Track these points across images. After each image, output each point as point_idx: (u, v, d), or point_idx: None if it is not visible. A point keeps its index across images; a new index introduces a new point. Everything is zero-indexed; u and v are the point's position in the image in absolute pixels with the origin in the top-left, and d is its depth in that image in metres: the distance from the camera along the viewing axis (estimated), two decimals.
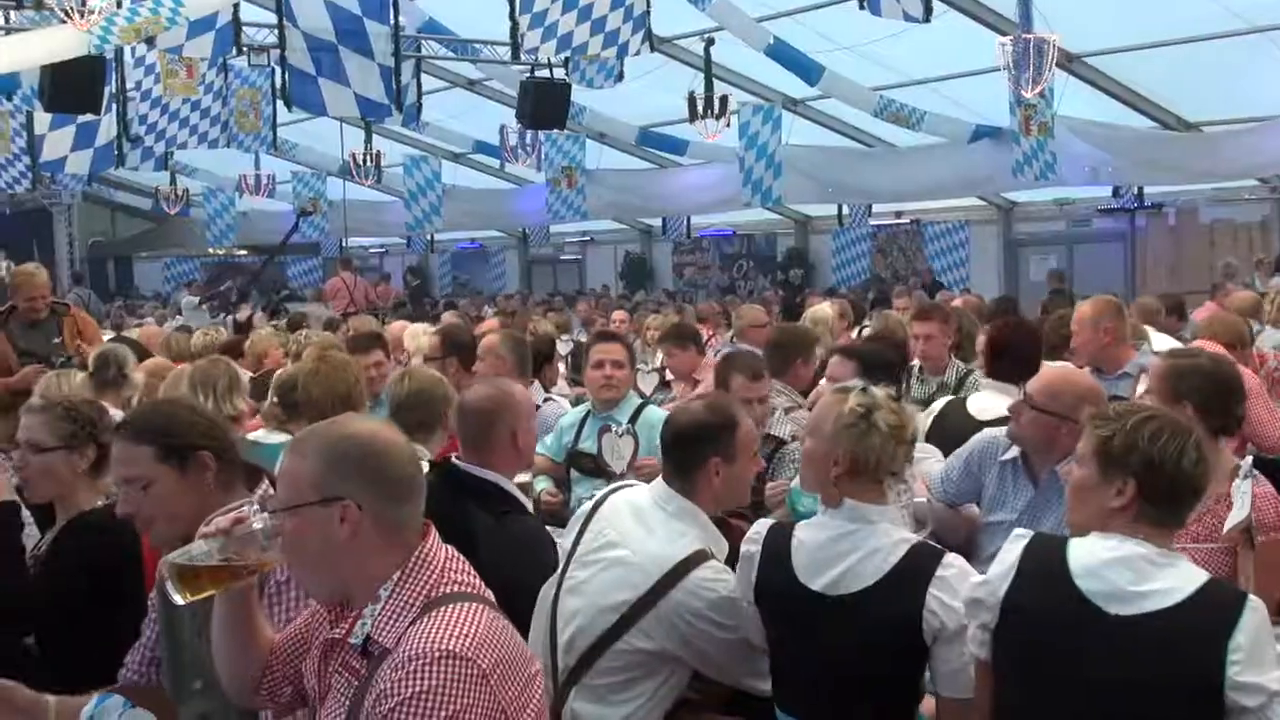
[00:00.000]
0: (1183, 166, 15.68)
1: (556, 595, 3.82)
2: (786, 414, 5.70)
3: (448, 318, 12.18)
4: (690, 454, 3.79)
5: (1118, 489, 3.01)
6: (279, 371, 6.37)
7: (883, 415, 3.44)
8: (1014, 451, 4.63)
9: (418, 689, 2.39)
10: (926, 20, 11.17)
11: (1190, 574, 2.96)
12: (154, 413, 3.51)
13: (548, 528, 4.44)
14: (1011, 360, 5.77)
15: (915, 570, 3.35)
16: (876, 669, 3.37)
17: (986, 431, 4.86)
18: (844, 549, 3.42)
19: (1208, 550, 3.93)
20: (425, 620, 2.50)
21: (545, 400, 6.90)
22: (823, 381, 5.80)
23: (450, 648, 2.43)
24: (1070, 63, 14.30)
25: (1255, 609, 2.87)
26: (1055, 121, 13.99)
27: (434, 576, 2.58)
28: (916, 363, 7.09)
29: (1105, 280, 17.76)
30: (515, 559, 3.85)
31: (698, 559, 3.65)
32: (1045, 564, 3.04)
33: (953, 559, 3.40)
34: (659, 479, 3.90)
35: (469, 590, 2.60)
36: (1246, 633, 2.82)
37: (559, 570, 3.87)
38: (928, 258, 22.61)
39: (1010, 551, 3.12)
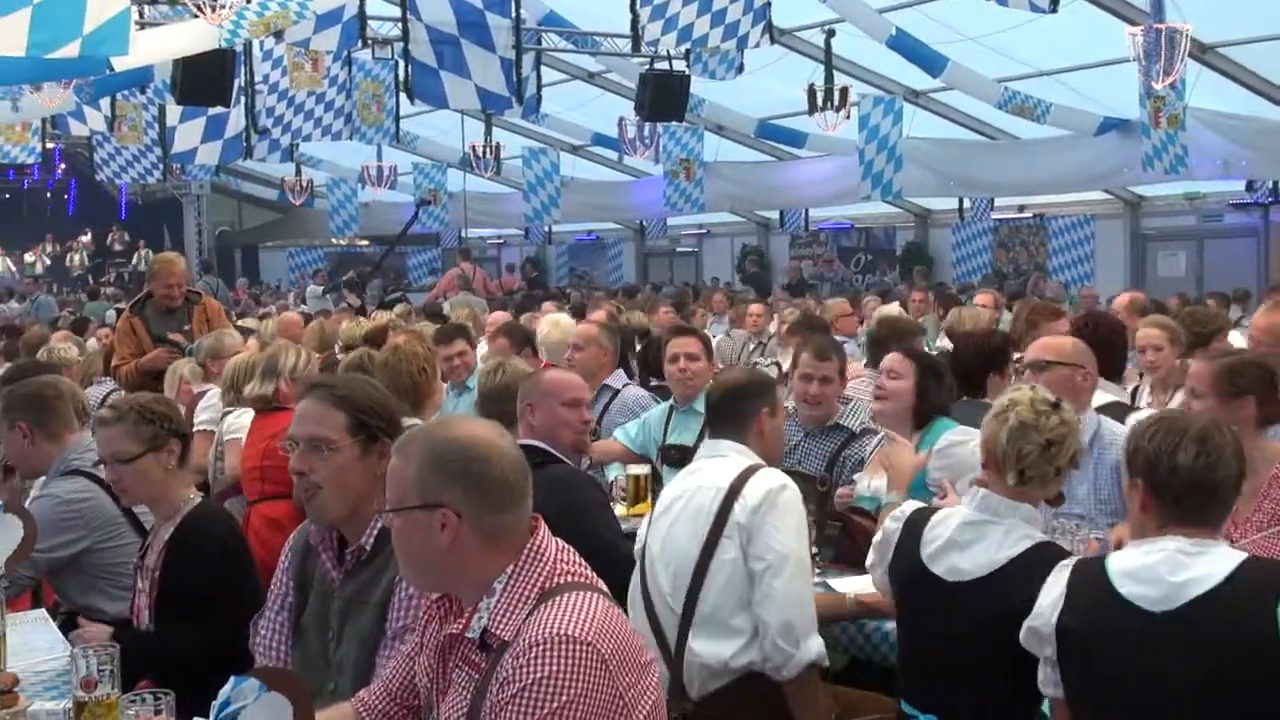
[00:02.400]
0: None
1: (644, 575, 3.99)
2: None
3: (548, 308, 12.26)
4: (743, 407, 4.14)
5: (1132, 488, 3.09)
6: (345, 359, 6.52)
7: (1018, 412, 3.43)
8: None
9: (540, 674, 2.41)
10: (1053, 10, 10.92)
11: (1225, 556, 2.96)
12: (359, 385, 3.45)
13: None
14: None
15: (1031, 566, 3.33)
16: (989, 660, 3.36)
17: None
18: (968, 538, 3.45)
19: (1276, 534, 3.89)
20: (543, 609, 2.52)
21: (624, 385, 7.01)
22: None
23: (571, 633, 2.45)
24: (1203, 53, 13.90)
25: None
26: (1186, 113, 13.63)
27: (547, 568, 2.60)
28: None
29: (1236, 277, 17.30)
30: (553, 497, 3.87)
31: (759, 466, 3.98)
32: (1088, 582, 3.04)
33: (1074, 560, 3.33)
34: (704, 442, 4.26)
35: (582, 580, 2.62)
36: None
37: (639, 560, 4.05)
38: (1051, 253, 22.18)
39: (1057, 581, 3.12)
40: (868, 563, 3.82)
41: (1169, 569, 2.93)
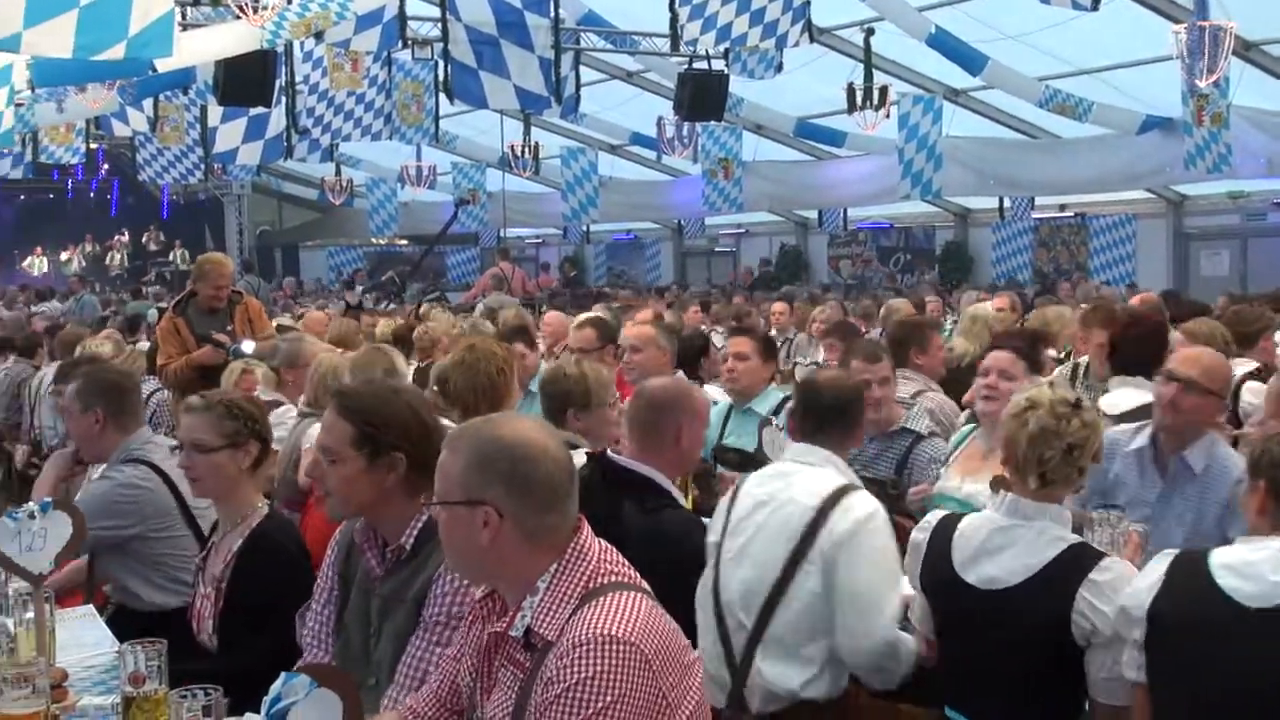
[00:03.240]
0: None
1: (715, 577, 3.89)
2: (915, 399, 5.71)
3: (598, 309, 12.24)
4: (850, 414, 4.07)
5: (1252, 491, 3.06)
6: (438, 363, 6.48)
7: (1038, 414, 3.39)
8: (1141, 440, 4.58)
9: (584, 674, 2.42)
10: (1095, 8, 10.85)
11: None
12: (371, 395, 3.44)
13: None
14: (1135, 354, 5.63)
15: (1068, 570, 3.31)
16: (1029, 666, 3.34)
17: (1108, 430, 4.81)
18: (999, 543, 3.42)
19: None
20: (586, 609, 2.52)
21: None
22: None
23: (614, 633, 2.45)
24: (1247, 51, 13.78)
25: None
26: (1230, 112, 13.51)
27: (590, 567, 2.61)
28: (1083, 361, 6.91)
29: None
30: (666, 551, 3.86)
31: (850, 488, 3.84)
32: (1189, 572, 3.01)
33: (1113, 563, 3.34)
34: (792, 445, 4.11)
35: (625, 580, 2.62)
36: None
37: (712, 557, 3.94)
38: (1092, 252, 22.02)
39: (1157, 566, 3.09)
40: (910, 583, 3.76)
41: (1272, 567, 2.90)
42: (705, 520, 4.24)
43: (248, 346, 7.93)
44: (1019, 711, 3.38)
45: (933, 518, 3.66)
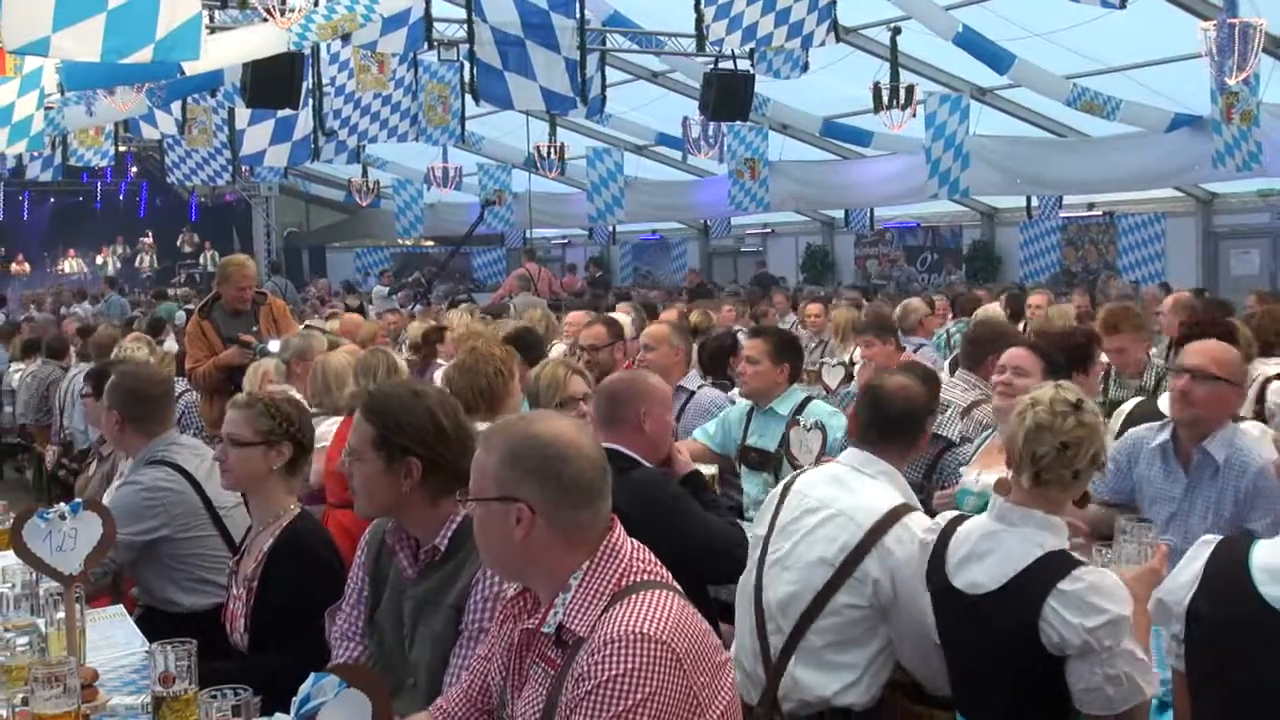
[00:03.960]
0: None
1: (759, 575, 3.89)
2: (967, 413, 5.60)
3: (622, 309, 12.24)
4: (917, 427, 4.03)
5: None
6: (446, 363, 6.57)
7: (1035, 413, 3.37)
8: (1163, 436, 4.60)
9: (615, 672, 2.43)
10: (1122, 6, 10.80)
11: None
12: (394, 397, 3.48)
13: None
14: None
15: (1037, 579, 3.26)
16: (1009, 672, 3.32)
17: (1130, 430, 4.86)
18: (986, 548, 3.40)
19: None
20: (618, 607, 2.53)
21: (700, 387, 6.93)
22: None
23: (645, 631, 2.46)
24: (1277, 47, 13.67)
25: None
26: (1260, 109, 13.40)
27: (622, 565, 2.62)
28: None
29: None
30: (638, 500, 3.81)
31: (905, 509, 3.78)
32: (1228, 570, 2.94)
33: (1085, 573, 3.25)
34: (850, 449, 4.05)
35: (657, 579, 2.63)
36: None
37: (757, 552, 3.94)
38: (1120, 251, 21.90)
39: (1196, 558, 3.01)
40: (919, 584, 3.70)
41: None
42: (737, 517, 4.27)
43: (274, 345, 7.97)
44: (1013, 714, 3.35)
45: (942, 519, 3.62)
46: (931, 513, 4.70)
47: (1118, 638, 3.15)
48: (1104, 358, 6.38)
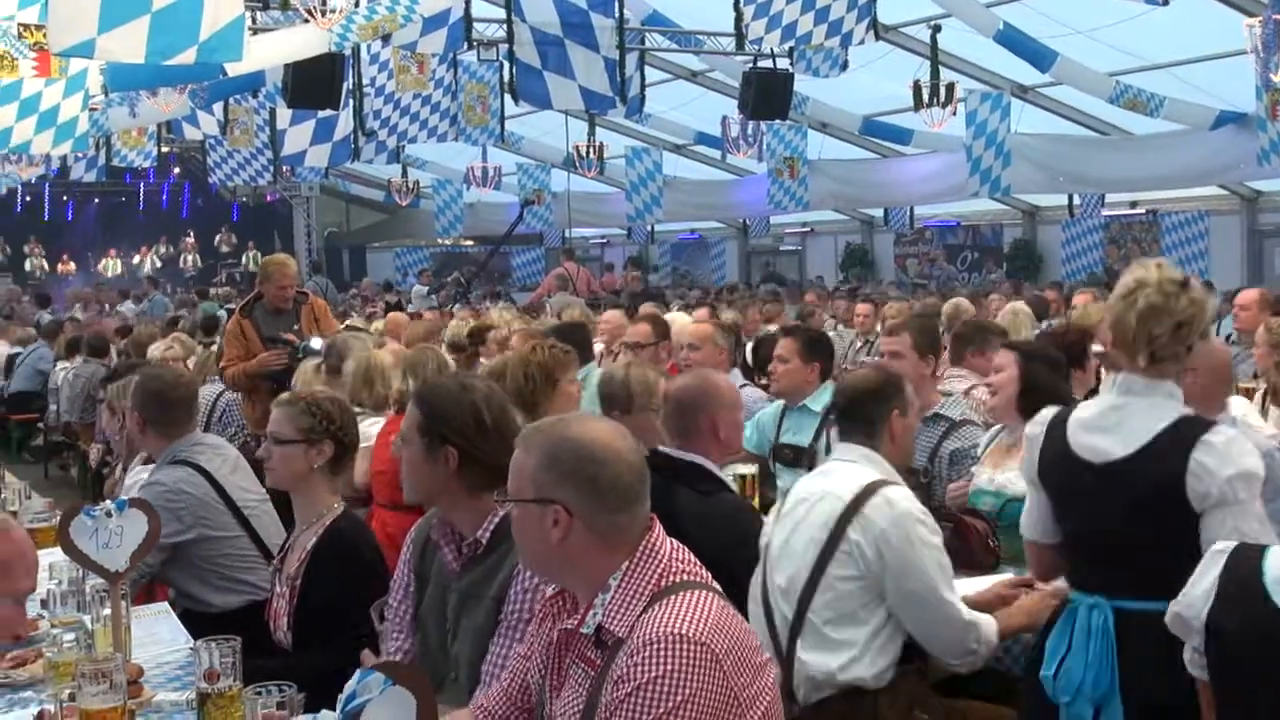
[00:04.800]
0: None
1: (764, 571, 3.96)
2: (966, 394, 5.73)
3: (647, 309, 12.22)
4: (875, 409, 4.04)
5: None
6: (487, 363, 6.57)
7: (1147, 295, 3.36)
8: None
9: (654, 673, 2.42)
10: (1165, 2, 10.71)
11: None
12: (442, 387, 3.58)
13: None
14: None
15: (1179, 436, 3.31)
16: (1149, 534, 3.33)
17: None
18: (1112, 421, 3.43)
19: None
20: (657, 607, 2.53)
21: (741, 386, 6.86)
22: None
23: (685, 632, 2.45)
24: None
25: None
26: None
27: (661, 566, 2.61)
28: None
29: None
30: (724, 530, 3.99)
31: (886, 482, 3.86)
32: (1241, 581, 2.90)
33: (1225, 429, 3.35)
34: (836, 445, 4.15)
35: (697, 579, 2.62)
36: None
37: (763, 555, 4.00)
38: (1164, 250, 21.70)
39: (1210, 569, 2.97)
40: (1025, 478, 3.73)
41: None
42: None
43: (316, 343, 8.01)
44: (1145, 581, 3.33)
45: (1047, 413, 3.66)
46: (942, 505, 4.74)
47: (1251, 493, 3.23)
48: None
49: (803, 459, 5.78)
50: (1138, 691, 3.30)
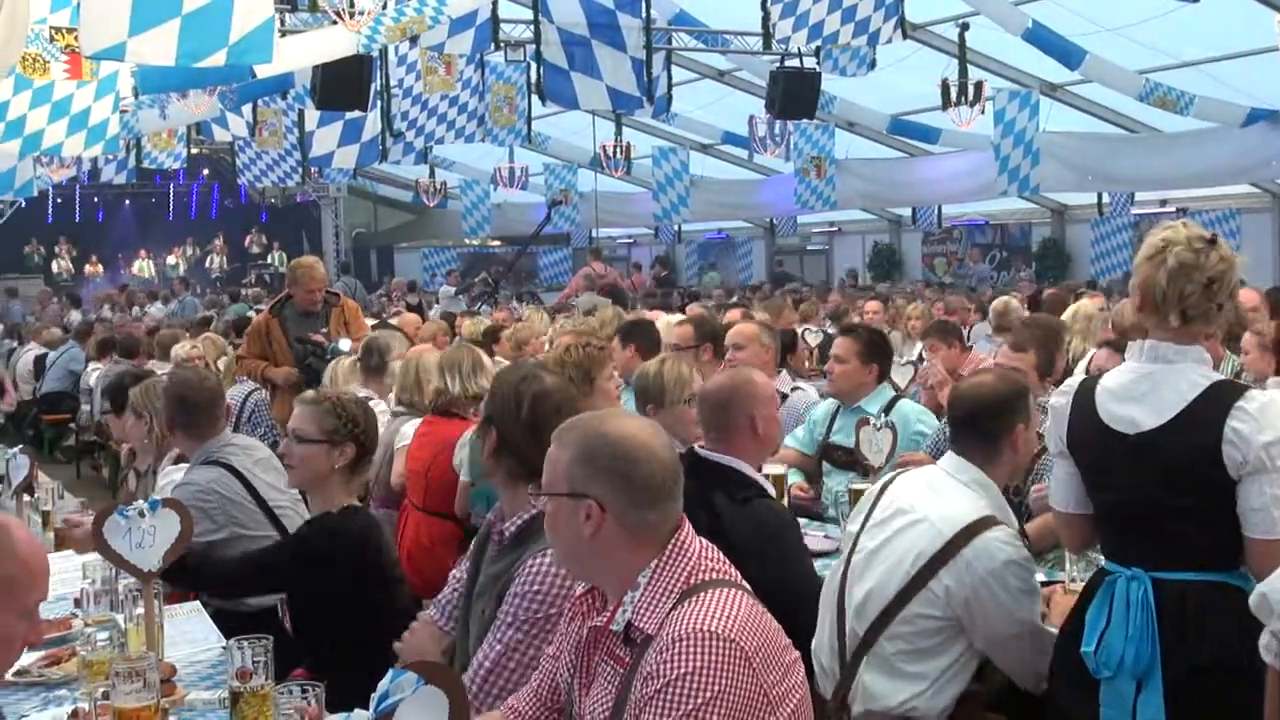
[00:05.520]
0: None
1: (845, 570, 3.85)
2: None
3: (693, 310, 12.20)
4: (998, 423, 3.86)
5: None
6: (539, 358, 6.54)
7: (1177, 252, 3.29)
8: None
9: (683, 670, 2.43)
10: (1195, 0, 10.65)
11: None
12: (506, 372, 3.71)
13: (799, 519, 4.43)
14: None
15: (1213, 403, 3.22)
16: (1179, 505, 3.24)
17: None
18: (1143, 389, 3.33)
19: None
20: (686, 605, 2.53)
21: (794, 389, 6.79)
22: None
23: (714, 629, 2.46)
24: None
25: None
26: None
27: (691, 564, 2.62)
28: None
29: None
30: (760, 538, 3.91)
31: (990, 522, 3.68)
32: None
33: (1258, 393, 3.25)
34: (949, 453, 3.93)
35: (725, 578, 2.63)
36: None
37: (846, 549, 3.91)
38: None
39: None
40: (1052, 450, 3.59)
41: None
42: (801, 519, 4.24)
43: (345, 344, 8.05)
44: (1184, 551, 3.27)
45: (1073, 382, 3.56)
46: (1027, 508, 4.64)
47: None
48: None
49: (856, 461, 5.71)
50: (1178, 661, 3.22)
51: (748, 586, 2.65)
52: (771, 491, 4.35)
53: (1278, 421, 3.16)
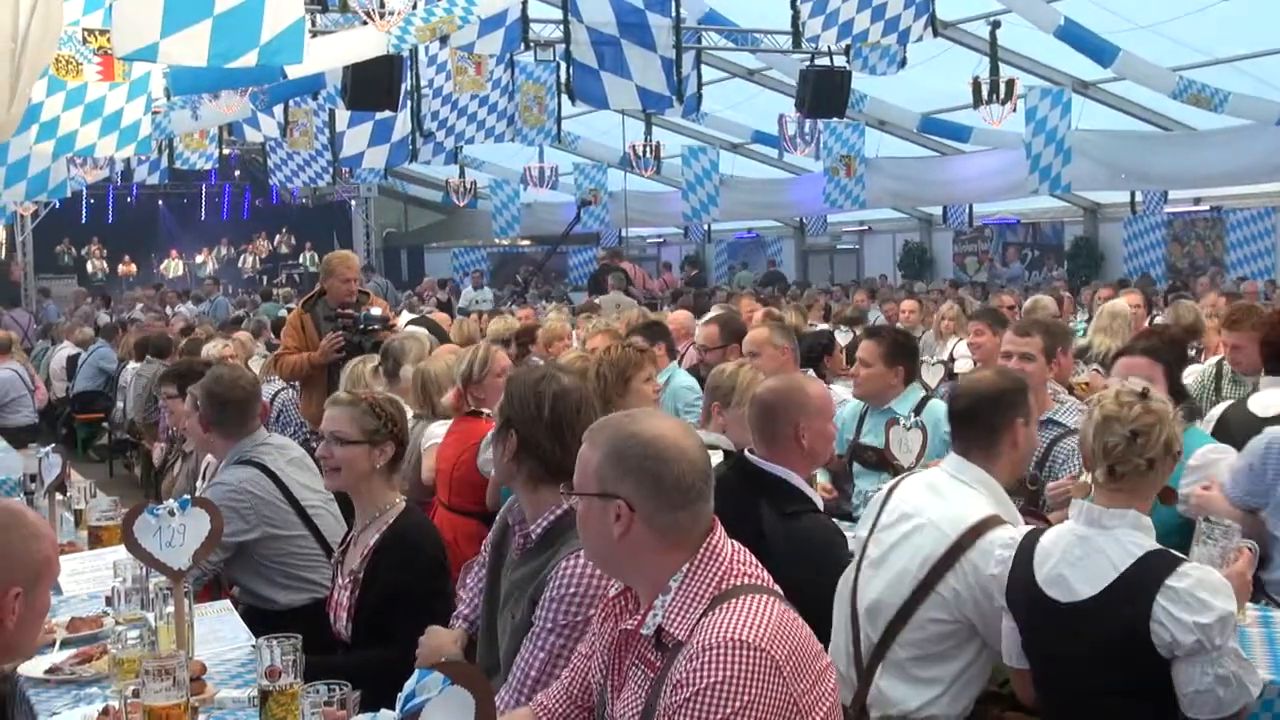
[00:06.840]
0: None
1: (856, 577, 3.82)
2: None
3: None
4: (998, 417, 3.79)
5: None
6: (568, 358, 6.52)
7: (1102, 405, 3.29)
8: None
9: (713, 679, 2.41)
10: None
11: None
12: (522, 374, 3.65)
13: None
14: None
15: (1143, 578, 3.16)
16: (1109, 681, 3.20)
17: (1266, 430, 4.53)
18: (1078, 554, 3.30)
19: None
20: (717, 611, 2.51)
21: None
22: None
23: (744, 637, 2.44)
24: None
25: None
26: None
27: (722, 568, 2.59)
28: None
29: None
30: (806, 557, 3.83)
31: (994, 522, 3.63)
32: None
33: (1191, 569, 3.17)
34: (950, 454, 3.90)
35: (758, 583, 2.61)
36: None
37: (857, 554, 3.87)
38: (1229, 247, 21.39)
39: None
40: (998, 601, 3.55)
41: None
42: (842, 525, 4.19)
43: (377, 311, 8.07)
44: None
45: (1019, 533, 3.52)
46: (1043, 502, 4.61)
47: (1226, 635, 3.06)
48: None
49: (885, 463, 5.67)
50: None
51: (779, 591, 2.63)
52: (820, 504, 4.25)
53: (1212, 600, 3.08)
